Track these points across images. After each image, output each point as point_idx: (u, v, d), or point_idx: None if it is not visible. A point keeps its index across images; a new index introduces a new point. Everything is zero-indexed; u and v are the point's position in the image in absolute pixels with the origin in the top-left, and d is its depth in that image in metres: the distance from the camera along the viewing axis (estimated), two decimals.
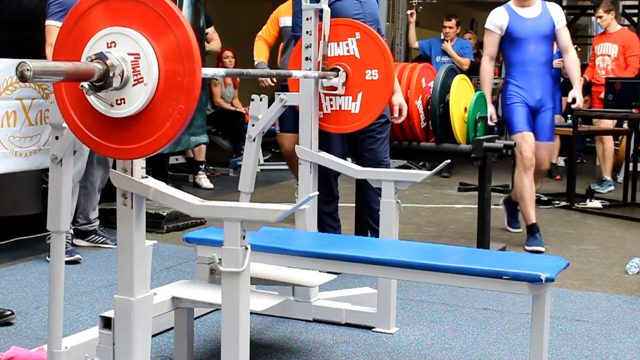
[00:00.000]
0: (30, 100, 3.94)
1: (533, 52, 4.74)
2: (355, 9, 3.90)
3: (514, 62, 4.78)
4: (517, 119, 4.72)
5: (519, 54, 4.75)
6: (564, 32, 4.82)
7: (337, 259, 2.52)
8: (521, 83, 4.76)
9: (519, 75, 4.77)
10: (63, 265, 2.41)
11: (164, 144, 1.93)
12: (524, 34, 4.72)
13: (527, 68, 4.75)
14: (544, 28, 4.75)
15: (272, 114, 3.30)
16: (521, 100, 4.74)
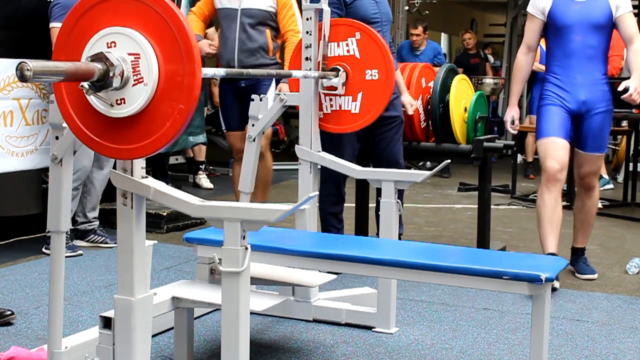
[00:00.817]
0: (27, 100, 3.94)
1: (579, 44, 3.86)
2: (373, 8, 3.95)
3: (556, 55, 3.93)
4: (547, 123, 3.87)
5: (561, 46, 3.89)
6: (628, 20, 3.89)
7: (337, 259, 2.52)
8: (561, 81, 3.91)
9: (560, 72, 3.91)
10: (63, 265, 2.41)
11: (164, 144, 1.93)
12: (569, 20, 3.85)
13: (571, 62, 3.88)
14: (596, 15, 3.86)
15: (272, 113, 3.30)
16: (558, 102, 3.89)
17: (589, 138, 3.96)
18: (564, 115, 3.87)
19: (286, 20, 4.47)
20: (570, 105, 3.88)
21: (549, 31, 3.93)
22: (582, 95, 3.88)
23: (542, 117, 3.91)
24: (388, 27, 4.03)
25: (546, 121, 3.88)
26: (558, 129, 3.84)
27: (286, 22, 4.47)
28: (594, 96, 3.92)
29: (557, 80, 3.91)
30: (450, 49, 15.74)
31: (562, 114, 3.87)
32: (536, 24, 3.96)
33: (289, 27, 4.46)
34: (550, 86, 3.93)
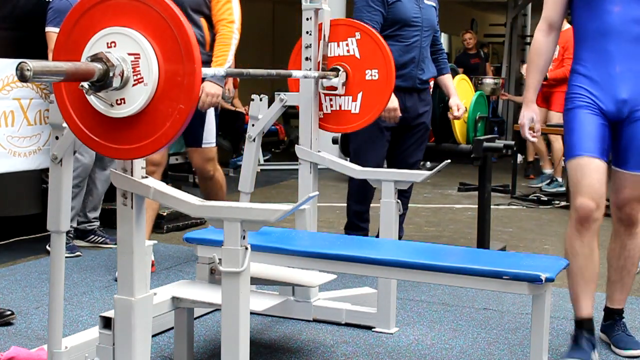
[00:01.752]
0: (28, 100, 3.94)
1: (618, 18, 2.70)
2: (415, 12, 3.96)
3: (586, 35, 2.80)
4: (577, 135, 2.79)
5: (594, 20, 2.75)
6: None
7: (337, 259, 2.52)
8: (594, 72, 2.79)
9: (591, 58, 2.79)
10: (63, 265, 2.41)
11: (164, 144, 1.93)
12: None
13: (608, 45, 2.74)
14: None
15: (272, 113, 3.30)
16: (590, 104, 2.79)
17: (633, 151, 2.83)
18: (599, 123, 2.78)
19: (219, 7, 3.79)
20: (607, 107, 2.78)
21: (576, 1, 2.82)
22: (623, 93, 2.75)
23: (570, 126, 2.81)
24: (429, 34, 4.01)
25: (576, 133, 2.78)
26: (593, 144, 2.75)
27: (218, 10, 3.80)
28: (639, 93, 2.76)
29: (587, 71, 2.80)
30: (450, 49, 15.75)
31: (597, 121, 2.78)
32: None
33: (221, 17, 3.78)
34: (578, 79, 2.83)
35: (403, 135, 4.06)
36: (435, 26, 4.07)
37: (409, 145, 4.10)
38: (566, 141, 2.84)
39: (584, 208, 2.73)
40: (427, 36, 4.01)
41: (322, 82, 3.35)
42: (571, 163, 2.80)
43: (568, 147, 2.82)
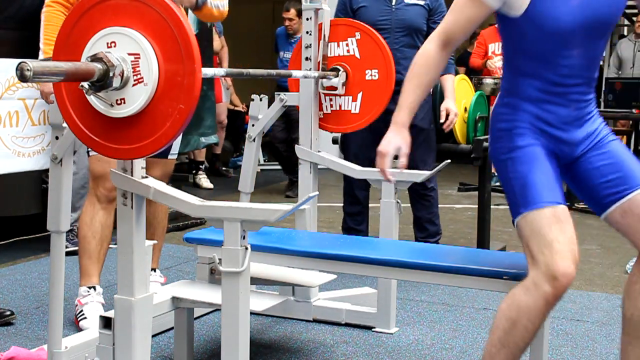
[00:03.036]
0: (33, 100, 3.94)
1: (579, 60, 2.21)
2: (381, 15, 3.92)
3: (533, 80, 2.23)
4: (533, 182, 2.17)
5: (549, 66, 2.20)
6: None
7: (337, 259, 2.52)
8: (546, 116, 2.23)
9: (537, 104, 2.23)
10: (63, 265, 2.41)
11: (164, 144, 1.93)
12: (565, 23, 2.15)
13: (562, 93, 2.22)
14: (604, 10, 2.19)
15: (272, 114, 3.30)
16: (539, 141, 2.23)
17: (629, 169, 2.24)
18: (552, 163, 2.24)
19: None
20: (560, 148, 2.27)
21: (519, 38, 2.23)
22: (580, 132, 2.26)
23: (519, 173, 2.19)
24: (403, 34, 3.94)
25: (530, 179, 2.17)
26: (554, 189, 2.17)
27: None
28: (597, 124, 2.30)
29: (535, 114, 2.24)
30: None
31: (550, 162, 2.23)
32: (481, 13, 2.23)
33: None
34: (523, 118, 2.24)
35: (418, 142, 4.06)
36: (414, 26, 3.96)
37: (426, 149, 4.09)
38: (522, 194, 2.16)
39: (568, 276, 2.04)
40: (399, 37, 3.93)
41: (322, 82, 3.35)
42: (529, 217, 2.11)
43: (525, 200, 2.15)
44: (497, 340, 2.11)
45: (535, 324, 2.08)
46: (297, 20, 6.85)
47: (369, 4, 3.94)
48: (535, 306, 2.05)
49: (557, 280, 2.03)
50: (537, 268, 2.05)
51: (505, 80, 2.33)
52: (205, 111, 5.04)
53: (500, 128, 2.28)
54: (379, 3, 3.93)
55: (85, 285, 3.12)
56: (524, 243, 2.12)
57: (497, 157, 2.29)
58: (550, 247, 2.05)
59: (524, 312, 2.06)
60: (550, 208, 2.11)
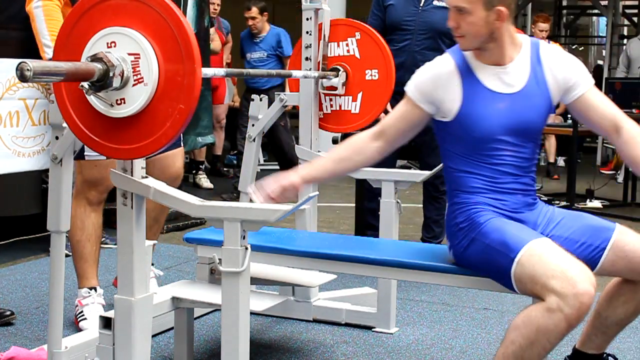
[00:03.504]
0: (34, 100, 3.93)
1: (512, 159, 2.34)
2: (407, 15, 3.93)
3: (470, 175, 2.36)
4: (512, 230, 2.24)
5: (481, 165, 2.34)
6: (598, 98, 2.40)
7: (337, 259, 2.52)
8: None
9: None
10: (63, 265, 2.41)
11: (164, 144, 1.93)
12: (492, 126, 2.29)
13: (500, 184, 2.34)
14: (531, 114, 2.34)
15: (272, 114, 3.30)
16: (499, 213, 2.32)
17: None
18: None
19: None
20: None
21: (453, 140, 2.38)
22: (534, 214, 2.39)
23: (493, 236, 2.24)
24: (425, 37, 3.92)
25: (506, 232, 2.22)
26: (530, 231, 2.26)
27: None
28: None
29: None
30: None
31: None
32: (415, 114, 2.38)
33: None
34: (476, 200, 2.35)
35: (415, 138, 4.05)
36: (439, 29, 3.91)
37: (423, 148, 4.08)
38: (504, 243, 2.19)
39: (589, 294, 2.02)
40: (421, 40, 3.93)
41: (322, 82, 3.35)
42: (528, 253, 2.13)
43: (512, 243, 2.17)
44: (511, 354, 2.12)
45: (554, 344, 2.09)
46: (260, 18, 6.73)
47: (397, 3, 3.94)
48: (557, 329, 2.05)
49: (579, 301, 2.01)
50: (555, 294, 2.04)
51: (449, 182, 2.45)
52: (202, 111, 5.04)
53: (458, 222, 2.36)
54: (407, 3, 3.94)
55: (86, 287, 3.12)
56: (529, 285, 2.13)
57: (463, 251, 2.34)
58: (560, 272, 2.05)
59: (543, 334, 2.06)
60: (537, 241, 2.16)
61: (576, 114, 2.44)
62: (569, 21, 12.62)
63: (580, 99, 2.37)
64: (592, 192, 6.77)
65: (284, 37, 6.75)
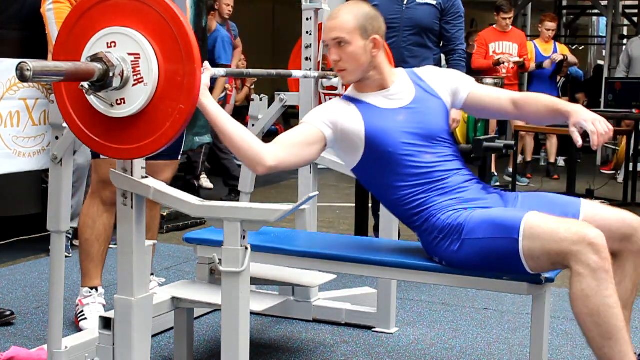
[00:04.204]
0: (34, 100, 3.94)
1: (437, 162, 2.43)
2: (392, 13, 3.93)
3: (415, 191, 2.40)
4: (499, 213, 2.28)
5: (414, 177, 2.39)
6: (480, 89, 2.56)
7: (337, 259, 2.52)
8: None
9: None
10: (63, 265, 2.41)
11: (163, 144, 1.93)
12: (399, 138, 2.39)
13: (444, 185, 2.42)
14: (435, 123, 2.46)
15: (272, 113, 3.30)
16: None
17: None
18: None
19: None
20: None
21: (379, 171, 2.42)
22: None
23: (481, 227, 2.26)
24: (411, 33, 3.94)
25: (495, 216, 2.27)
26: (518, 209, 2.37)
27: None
28: None
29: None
30: None
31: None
32: (312, 133, 2.38)
33: None
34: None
35: None
36: (423, 25, 3.98)
37: None
38: (500, 223, 2.22)
39: (600, 237, 2.09)
40: (407, 36, 3.97)
41: (322, 82, 3.35)
42: (528, 226, 2.17)
43: (508, 224, 2.20)
44: (599, 339, 2.09)
45: (611, 294, 2.08)
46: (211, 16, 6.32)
47: (380, 3, 3.95)
48: (599, 281, 2.07)
49: (595, 244, 2.07)
50: (573, 258, 2.08)
51: (404, 218, 2.45)
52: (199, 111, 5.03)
53: (437, 236, 2.35)
54: (390, 2, 3.96)
55: (87, 286, 3.11)
56: (542, 257, 2.15)
57: (454, 255, 2.31)
58: (568, 232, 2.10)
59: (595, 296, 2.07)
60: (528, 214, 2.20)
61: (473, 109, 2.60)
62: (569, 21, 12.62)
63: (469, 96, 2.53)
64: (592, 192, 6.76)
65: (221, 41, 6.18)
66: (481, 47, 7.43)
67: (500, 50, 7.43)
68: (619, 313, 2.09)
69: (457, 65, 4.08)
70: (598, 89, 10.04)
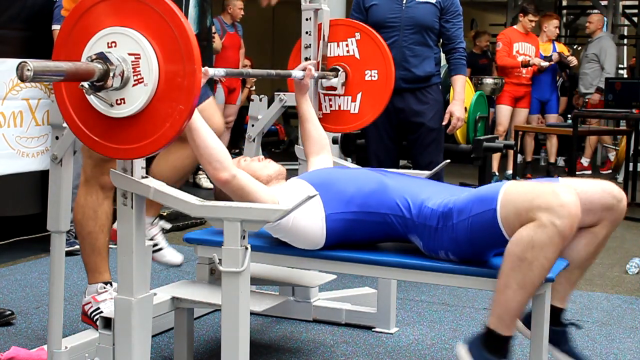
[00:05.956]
0: (37, 100, 3.94)
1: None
2: (392, 12, 3.94)
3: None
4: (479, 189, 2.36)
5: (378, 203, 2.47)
6: None
7: (337, 259, 2.52)
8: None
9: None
10: (63, 265, 2.41)
11: (163, 144, 1.93)
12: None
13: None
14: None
15: (272, 113, 3.30)
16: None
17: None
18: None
19: None
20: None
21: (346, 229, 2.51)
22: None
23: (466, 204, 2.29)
24: (412, 32, 3.94)
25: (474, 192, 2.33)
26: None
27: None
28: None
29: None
30: None
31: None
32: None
33: None
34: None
35: (406, 137, 4.05)
36: (424, 24, 3.97)
37: (415, 146, 4.08)
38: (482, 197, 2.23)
39: (574, 203, 2.07)
40: (408, 35, 3.95)
41: (321, 82, 3.35)
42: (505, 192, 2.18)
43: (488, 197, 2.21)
44: (514, 283, 2.10)
45: (551, 260, 2.08)
46: None
47: (380, 2, 3.97)
48: (551, 242, 2.05)
49: (567, 210, 2.03)
50: (542, 210, 2.04)
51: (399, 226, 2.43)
52: None
53: (433, 226, 2.35)
54: (390, 1, 3.96)
55: (100, 282, 2.79)
56: (516, 219, 2.11)
57: (455, 241, 2.30)
58: (540, 191, 2.08)
59: (539, 249, 2.05)
60: (507, 183, 2.20)
61: None
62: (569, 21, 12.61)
63: None
64: None
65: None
66: (507, 45, 7.50)
67: (522, 50, 7.53)
68: (544, 277, 2.12)
69: (459, 64, 4.08)
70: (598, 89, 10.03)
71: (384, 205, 2.41)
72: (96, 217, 2.74)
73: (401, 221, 2.40)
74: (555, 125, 7.36)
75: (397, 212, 2.40)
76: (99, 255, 2.77)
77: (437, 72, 4.10)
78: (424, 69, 4.00)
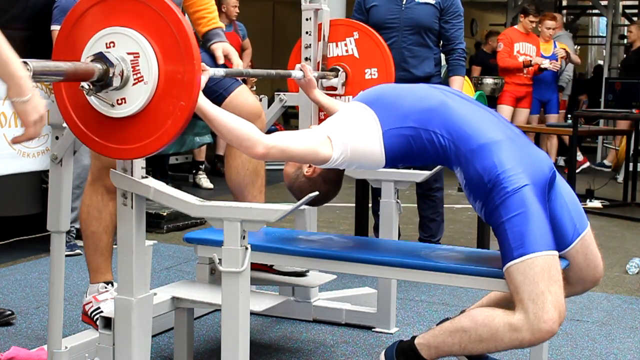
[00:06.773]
0: None
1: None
2: (391, 13, 3.96)
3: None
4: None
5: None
6: None
7: (337, 259, 2.52)
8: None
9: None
10: (63, 265, 2.41)
11: (165, 142, 1.93)
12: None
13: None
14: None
15: (272, 114, 3.30)
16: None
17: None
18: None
19: None
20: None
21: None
22: None
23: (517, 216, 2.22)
24: (412, 33, 3.95)
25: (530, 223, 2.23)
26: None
27: None
28: None
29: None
30: None
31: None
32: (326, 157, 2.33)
33: None
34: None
35: None
36: (423, 25, 3.99)
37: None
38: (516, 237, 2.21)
39: (551, 333, 2.15)
40: (407, 36, 3.97)
41: (321, 82, 3.35)
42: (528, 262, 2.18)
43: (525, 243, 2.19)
44: (458, 339, 2.21)
45: (500, 351, 2.24)
46: None
47: (380, 3, 3.98)
48: (509, 343, 2.18)
49: (540, 334, 2.13)
50: (524, 315, 2.15)
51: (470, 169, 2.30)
52: None
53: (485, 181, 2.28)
54: (389, 2, 3.97)
55: (101, 282, 2.79)
56: (512, 290, 2.21)
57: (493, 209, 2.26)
58: (540, 296, 2.14)
59: (494, 340, 2.18)
60: (543, 255, 2.18)
61: None
62: (569, 21, 12.61)
63: None
64: (592, 192, 6.77)
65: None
66: (508, 46, 7.51)
67: (523, 51, 7.54)
68: (485, 353, 2.29)
69: (457, 64, 4.08)
70: (598, 89, 10.03)
71: (443, 128, 2.30)
72: (100, 217, 2.75)
73: (455, 150, 2.30)
74: (555, 125, 7.36)
75: (455, 140, 2.29)
76: (101, 255, 2.78)
77: (437, 72, 4.10)
78: (424, 70, 4.01)
